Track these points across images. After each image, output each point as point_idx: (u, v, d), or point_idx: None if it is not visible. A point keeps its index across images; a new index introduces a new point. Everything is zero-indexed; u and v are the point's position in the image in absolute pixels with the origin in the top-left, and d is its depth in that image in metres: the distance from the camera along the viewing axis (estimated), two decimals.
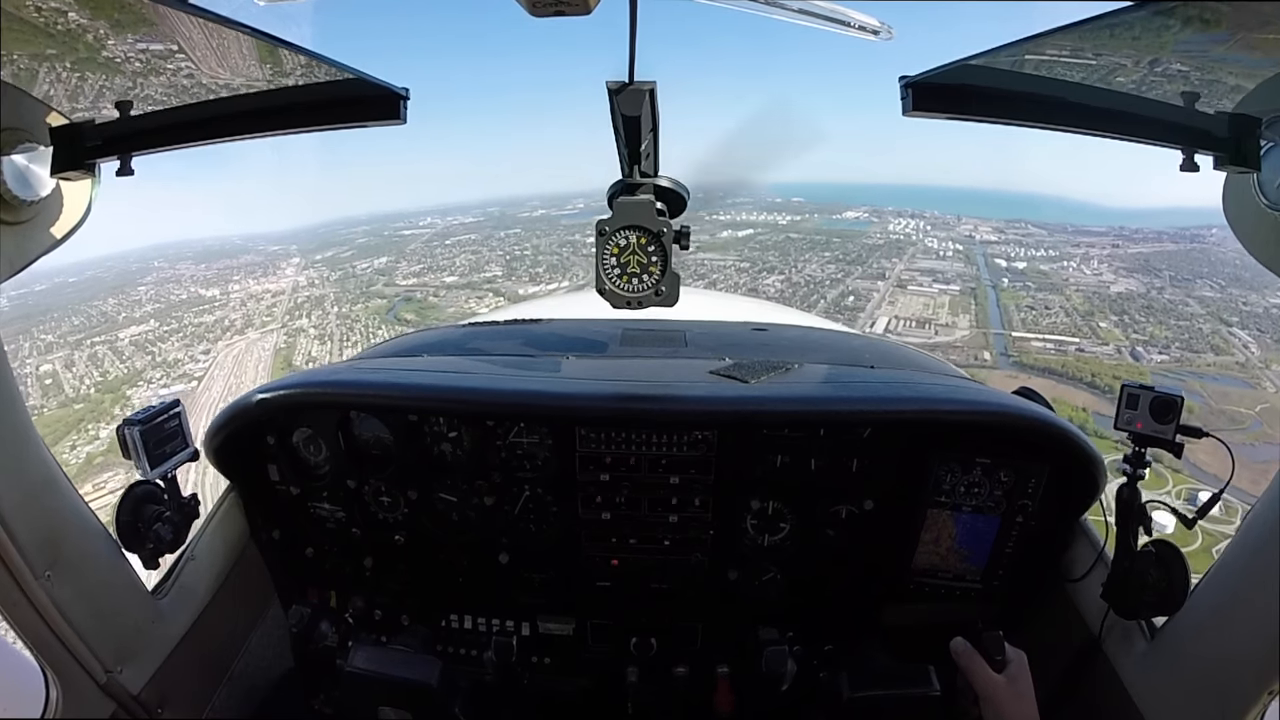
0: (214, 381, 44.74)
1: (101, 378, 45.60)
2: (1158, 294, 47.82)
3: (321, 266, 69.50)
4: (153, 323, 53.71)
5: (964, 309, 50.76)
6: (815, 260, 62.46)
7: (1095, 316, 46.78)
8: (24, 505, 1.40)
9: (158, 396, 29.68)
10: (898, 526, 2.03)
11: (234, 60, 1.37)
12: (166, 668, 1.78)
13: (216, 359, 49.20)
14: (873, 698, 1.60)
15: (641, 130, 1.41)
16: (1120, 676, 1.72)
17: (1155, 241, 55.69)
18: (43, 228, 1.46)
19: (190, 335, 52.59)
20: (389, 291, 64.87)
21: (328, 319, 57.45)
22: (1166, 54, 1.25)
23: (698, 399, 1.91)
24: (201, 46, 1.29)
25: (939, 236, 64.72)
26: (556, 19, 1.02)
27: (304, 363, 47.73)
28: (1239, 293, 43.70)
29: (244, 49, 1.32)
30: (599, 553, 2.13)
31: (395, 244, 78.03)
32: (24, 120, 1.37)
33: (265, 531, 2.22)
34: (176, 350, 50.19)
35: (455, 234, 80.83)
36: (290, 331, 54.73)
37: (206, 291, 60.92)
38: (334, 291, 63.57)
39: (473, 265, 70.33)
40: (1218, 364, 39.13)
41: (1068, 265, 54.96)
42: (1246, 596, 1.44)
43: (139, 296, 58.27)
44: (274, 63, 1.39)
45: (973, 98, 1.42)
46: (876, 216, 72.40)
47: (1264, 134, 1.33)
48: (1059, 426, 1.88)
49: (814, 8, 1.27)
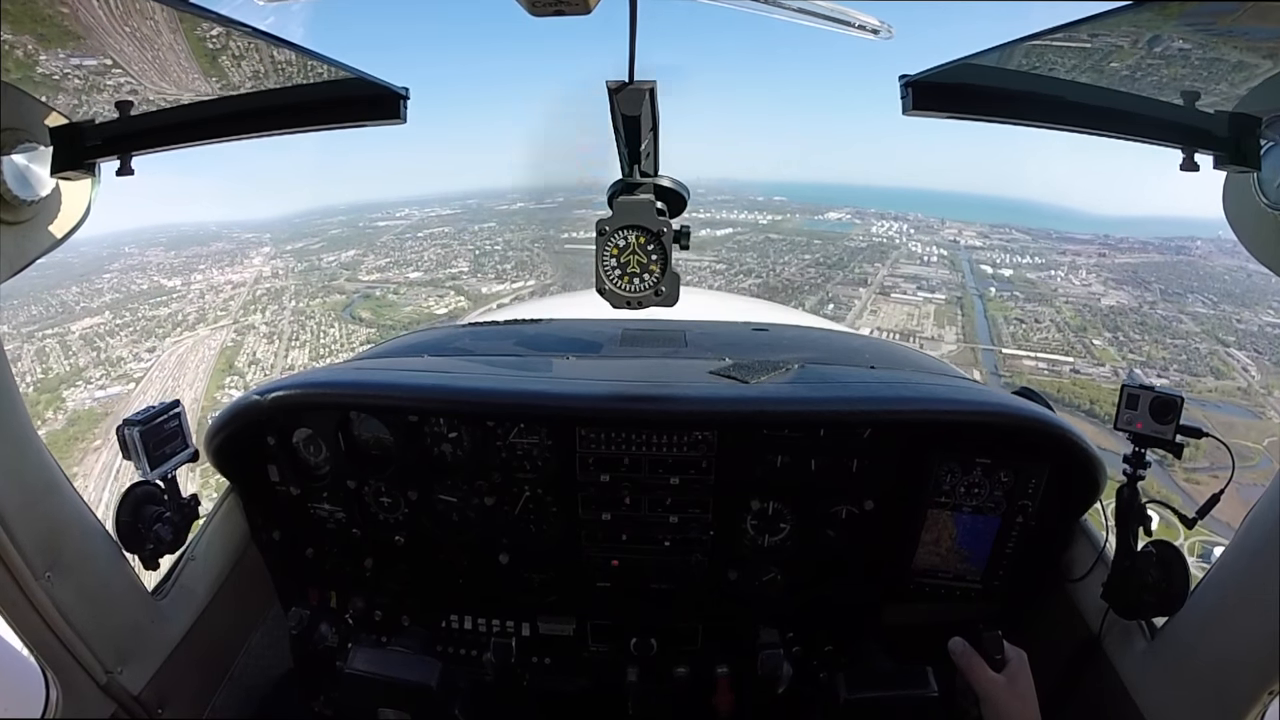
0: (151, 384, 41.10)
1: (44, 374, 41.78)
2: (1150, 309, 45.73)
3: (290, 257, 67.09)
4: (107, 314, 49.96)
5: (950, 320, 48.38)
6: (795, 263, 60.32)
7: (1088, 333, 44.52)
8: (24, 506, 1.40)
9: (93, 399, 28.21)
10: (898, 527, 2.03)
11: (233, 59, 1.36)
12: (166, 668, 1.78)
13: (160, 358, 45.70)
14: (870, 699, 1.60)
15: (641, 130, 1.41)
16: (1120, 676, 1.72)
17: (1141, 252, 54.40)
18: (43, 228, 1.46)
19: (141, 330, 49.04)
20: (349, 287, 62.33)
21: (282, 315, 54.32)
22: (1167, 53, 1.25)
23: (698, 399, 1.91)
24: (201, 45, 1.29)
25: (923, 240, 62.66)
26: (556, 19, 1.02)
27: (246, 364, 45.76)
28: (1232, 309, 42.03)
29: (244, 49, 1.32)
30: (599, 553, 2.13)
31: (367, 236, 75.65)
32: (24, 120, 1.37)
33: (265, 532, 2.22)
34: (123, 347, 46.47)
35: (429, 226, 78.59)
36: (241, 328, 51.47)
37: (168, 281, 57.62)
38: (295, 284, 60.61)
39: (440, 260, 67.85)
40: (1219, 389, 36.59)
41: (1055, 274, 53.25)
42: (1246, 596, 1.44)
43: (101, 285, 54.68)
44: (274, 62, 1.39)
45: (973, 97, 1.42)
46: (859, 218, 70.69)
47: (1264, 134, 1.33)
48: (1059, 426, 1.88)
49: (814, 7, 1.27)
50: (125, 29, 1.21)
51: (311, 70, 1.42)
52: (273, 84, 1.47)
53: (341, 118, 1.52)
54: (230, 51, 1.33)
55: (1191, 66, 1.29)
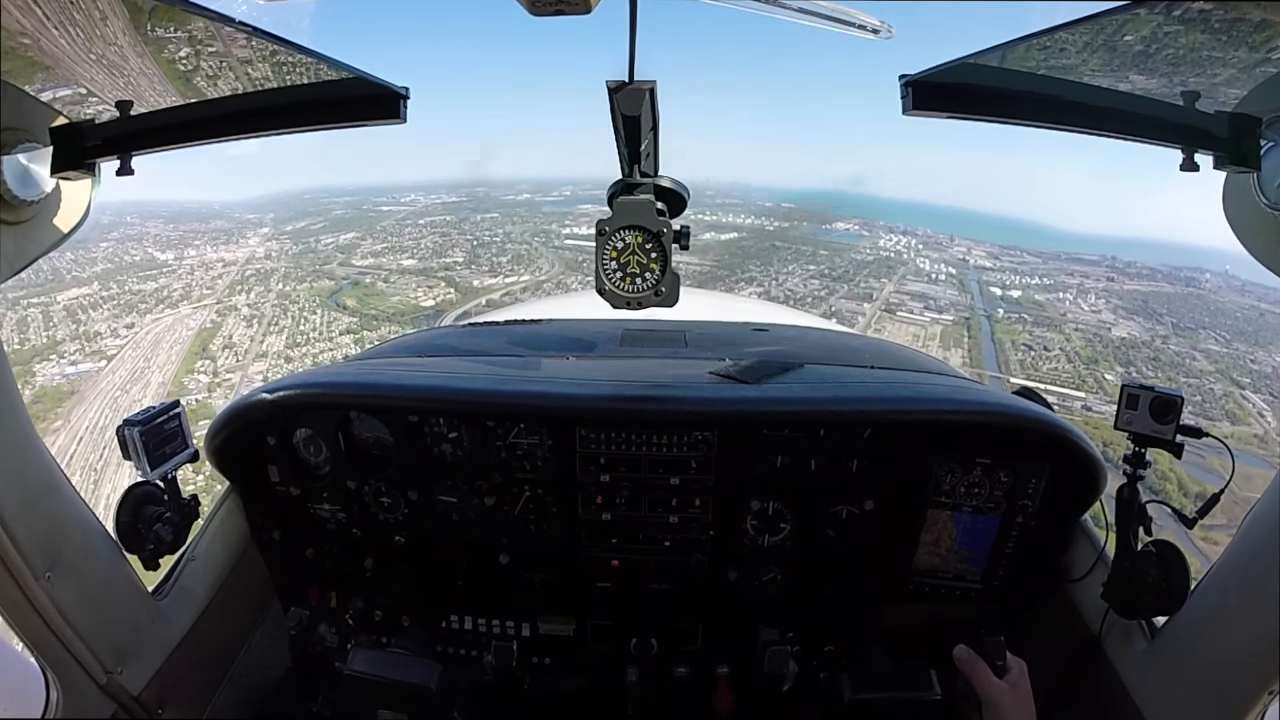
0: (123, 363, 39.74)
1: (19, 346, 39.72)
2: (1163, 344, 43.77)
3: (287, 238, 66.11)
4: (95, 285, 48.48)
5: (956, 341, 46.58)
6: (799, 273, 59.02)
7: (1099, 365, 42.42)
8: (24, 506, 1.40)
9: (63, 375, 26.97)
10: (898, 527, 2.03)
11: (234, 59, 1.36)
12: (166, 668, 1.78)
13: (136, 336, 43.80)
14: (874, 700, 1.59)
15: (641, 130, 1.41)
16: (1120, 676, 1.72)
17: (1150, 279, 53.30)
18: (43, 227, 1.46)
19: (124, 304, 47.61)
20: (340, 272, 61.02)
21: (267, 297, 52.55)
22: (1167, 53, 1.25)
23: (698, 399, 1.91)
24: (201, 46, 1.29)
25: (931, 257, 61.61)
26: (557, 18, 1.02)
27: (220, 348, 44.38)
28: (1245, 348, 40.18)
29: (244, 48, 1.32)
30: (599, 553, 2.13)
31: (369, 219, 74.54)
32: (24, 120, 1.37)
33: (265, 532, 2.22)
34: (103, 321, 44.64)
35: (433, 213, 77.69)
36: (224, 309, 49.81)
37: (161, 255, 56.25)
38: (285, 267, 59.35)
39: (436, 249, 66.70)
40: (1235, 436, 32.82)
41: (1064, 297, 52.14)
42: (1246, 596, 1.44)
43: (96, 254, 52.91)
44: (274, 62, 1.39)
45: (973, 96, 1.42)
46: (867, 229, 69.94)
47: (1264, 134, 1.33)
48: (1059, 426, 1.88)
49: (814, 7, 1.27)
50: (90, 56, 1.21)
51: (311, 70, 1.43)
52: (272, 84, 1.47)
53: (341, 117, 1.52)
54: (203, 72, 1.34)
55: (1191, 66, 1.29)
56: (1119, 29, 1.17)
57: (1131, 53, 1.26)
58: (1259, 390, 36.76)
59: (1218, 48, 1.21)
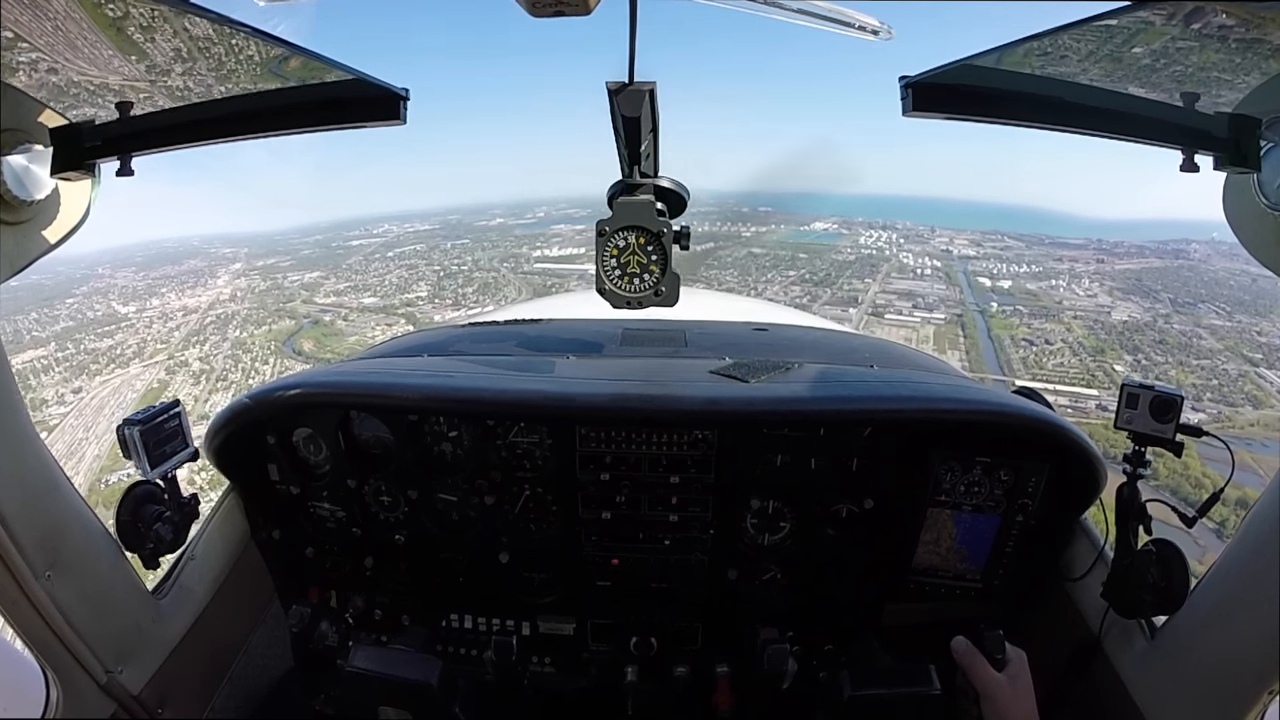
0: (63, 434, 35.99)
1: None
2: (1165, 323, 41.98)
3: (256, 275, 64.51)
4: (52, 346, 45.47)
5: (951, 342, 43.50)
6: (778, 280, 55.94)
7: (1107, 356, 39.79)
8: (24, 506, 1.40)
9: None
10: (898, 526, 2.03)
11: (234, 60, 1.36)
12: (166, 668, 1.78)
13: (81, 402, 40.42)
14: (874, 696, 1.59)
15: (641, 131, 1.41)
16: (1120, 676, 1.72)
17: (1139, 257, 52.35)
18: (42, 228, 1.46)
19: (76, 366, 44.43)
20: (303, 310, 58.98)
21: (221, 347, 49.92)
22: (1166, 54, 1.25)
23: (698, 398, 1.91)
24: (201, 46, 1.29)
25: (914, 251, 59.76)
26: (556, 19, 1.02)
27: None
28: (1248, 320, 39.03)
29: (244, 49, 1.32)
30: (599, 552, 2.13)
31: (337, 256, 72.56)
32: (24, 120, 1.37)
33: (265, 531, 2.22)
34: (52, 386, 41.52)
35: (404, 244, 76.35)
36: (174, 366, 47.07)
37: (123, 308, 53.40)
38: (247, 309, 56.86)
39: (400, 284, 64.46)
40: (1260, 422, 31.71)
41: (1057, 284, 50.45)
42: (1246, 596, 1.44)
43: (60, 311, 50.30)
44: (274, 63, 1.39)
45: (973, 98, 1.42)
46: (847, 228, 68.27)
47: (1264, 134, 1.33)
48: (1059, 425, 1.88)
49: (814, 8, 1.27)
50: (90, 56, 1.21)
51: (311, 70, 1.42)
52: (272, 84, 1.47)
53: (341, 118, 1.52)
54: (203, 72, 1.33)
55: (1191, 67, 1.29)
56: (1119, 30, 1.17)
57: (1131, 53, 1.26)
58: (1273, 365, 35.54)
59: (1217, 49, 1.21)
